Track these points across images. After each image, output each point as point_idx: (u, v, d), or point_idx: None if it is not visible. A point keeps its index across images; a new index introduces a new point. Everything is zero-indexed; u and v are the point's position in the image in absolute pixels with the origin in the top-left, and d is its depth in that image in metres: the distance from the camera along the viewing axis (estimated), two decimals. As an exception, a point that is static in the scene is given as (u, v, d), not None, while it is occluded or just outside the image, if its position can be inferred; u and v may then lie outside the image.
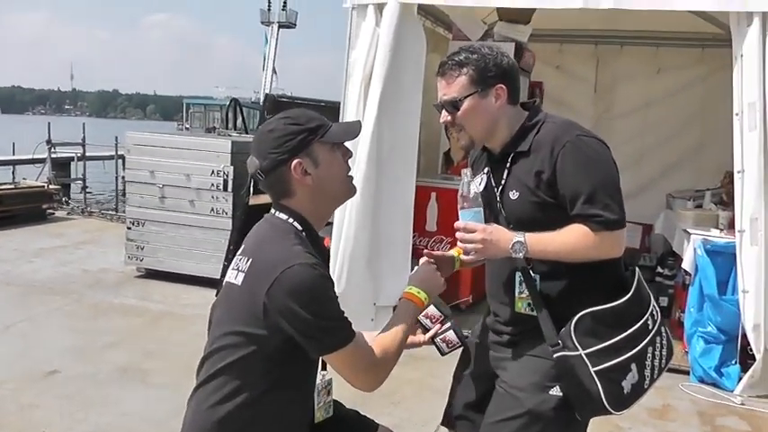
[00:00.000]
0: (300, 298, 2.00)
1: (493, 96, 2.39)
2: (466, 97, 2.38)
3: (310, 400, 2.29)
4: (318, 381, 2.29)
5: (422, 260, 2.49)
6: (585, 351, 2.25)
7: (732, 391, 5.12)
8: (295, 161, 2.14)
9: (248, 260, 2.14)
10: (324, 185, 2.20)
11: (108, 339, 5.69)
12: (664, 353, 2.41)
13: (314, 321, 2.02)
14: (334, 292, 2.12)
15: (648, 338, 2.35)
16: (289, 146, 2.15)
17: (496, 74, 2.38)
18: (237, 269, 2.16)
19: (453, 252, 2.60)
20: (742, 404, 4.97)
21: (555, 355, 2.30)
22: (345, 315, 2.11)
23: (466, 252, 2.39)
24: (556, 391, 2.34)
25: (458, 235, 2.37)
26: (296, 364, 2.13)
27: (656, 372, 2.38)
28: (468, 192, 2.38)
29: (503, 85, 2.39)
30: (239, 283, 2.13)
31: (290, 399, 2.17)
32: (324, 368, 2.30)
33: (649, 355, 2.35)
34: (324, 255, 2.28)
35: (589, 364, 2.25)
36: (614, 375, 2.27)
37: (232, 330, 2.12)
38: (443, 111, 2.44)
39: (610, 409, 2.29)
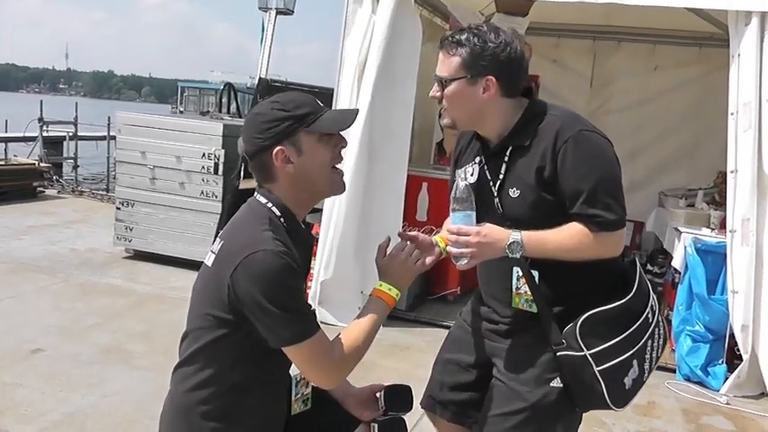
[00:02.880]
0: (261, 285, 1.95)
1: (481, 87, 2.27)
2: (454, 80, 2.28)
3: (285, 391, 2.26)
4: (298, 372, 2.22)
5: (394, 244, 2.30)
6: (590, 351, 2.22)
7: (718, 391, 5.11)
8: (277, 149, 2.08)
9: (221, 242, 2.11)
10: (305, 176, 2.13)
11: (93, 320, 5.65)
12: (661, 342, 2.39)
13: (272, 311, 1.95)
14: (299, 284, 2.06)
15: (649, 332, 2.32)
16: (272, 132, 2.08)
17: (489, 65, 2.25)
18: (212, 250, 2.13)
19: (437, 239, 2.45)
20: (727, 404, 4.97)
21: (558, 354, 2.27)
22: (309, 308, 2.06)
23: (458, 257, 2.26)
24: (556, 383, 2.32)
25: (450, 238, 2.27)
26: (268, 355, 2.07)
27: (654, 362, 2.37)
28: (460, 194, 2.28)
29: (493, 78, 2.26)
30: (210, 265, 2.11)
31: (263, 391, 2.13)
32: None
33: (649, 348, 2.33)
34: (306, 243, 2.23)
35: (593, 363, 2.22)
36: (617, 374, 2.25)
37: (204, 312, 2.09)
38: (435, 85, 2.35)
39: (612, 406, 2.29)
